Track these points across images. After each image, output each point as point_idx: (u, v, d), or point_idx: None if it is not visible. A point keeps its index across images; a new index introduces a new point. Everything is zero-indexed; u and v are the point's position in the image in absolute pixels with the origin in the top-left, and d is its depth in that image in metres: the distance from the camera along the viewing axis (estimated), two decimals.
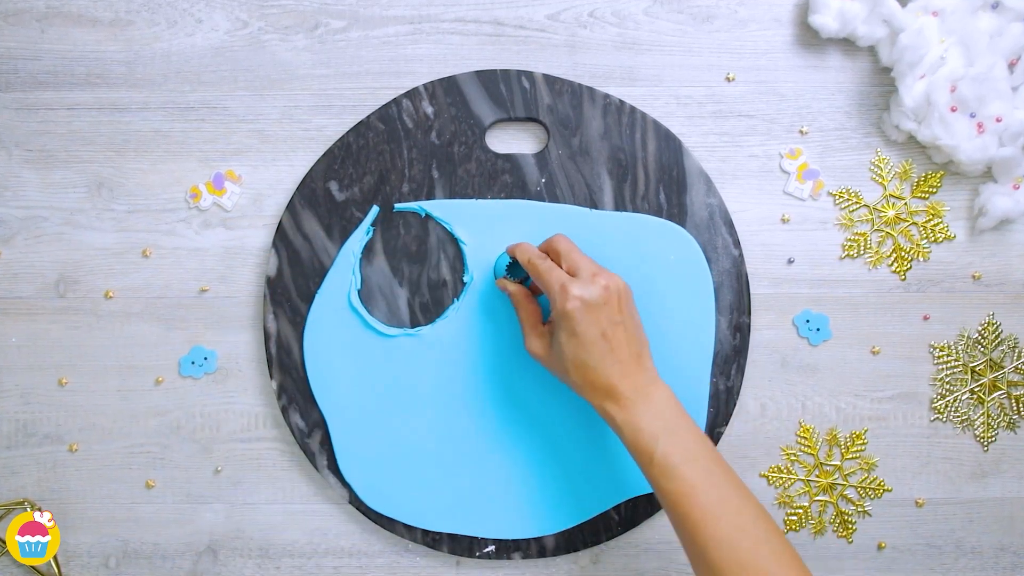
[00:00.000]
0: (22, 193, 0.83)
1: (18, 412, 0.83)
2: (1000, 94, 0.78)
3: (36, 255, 0.83)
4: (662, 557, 0.83)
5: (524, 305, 0.77)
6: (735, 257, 0.81)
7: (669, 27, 0.83)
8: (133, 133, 0.83)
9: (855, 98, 0.83)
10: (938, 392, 0.83)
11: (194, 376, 0.83)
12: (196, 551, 0.83)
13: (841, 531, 0.83)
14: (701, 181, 0.81)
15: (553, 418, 0.81)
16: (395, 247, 0.81)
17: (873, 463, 0.83)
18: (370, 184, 0.81)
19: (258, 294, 0.83)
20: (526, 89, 0.81)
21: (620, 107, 0.81)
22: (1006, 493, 0.84)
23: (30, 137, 0.83)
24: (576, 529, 0.81)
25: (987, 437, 0.83)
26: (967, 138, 0.79)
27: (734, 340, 0.81)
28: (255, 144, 0.83)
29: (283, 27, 0.83)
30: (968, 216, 0.84)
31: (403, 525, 0.81)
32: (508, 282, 0.78)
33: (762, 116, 0.83)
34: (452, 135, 0.81)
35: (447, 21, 0.83)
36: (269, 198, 0.83)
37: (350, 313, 0.81)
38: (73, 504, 0.83)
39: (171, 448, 0.83)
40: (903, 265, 0.83)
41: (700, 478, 0.67)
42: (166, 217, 0.83)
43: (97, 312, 0.83)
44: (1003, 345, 0.83)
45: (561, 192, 0.81)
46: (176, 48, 0.83)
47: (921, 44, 0.79)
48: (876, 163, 0.83)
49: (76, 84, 0.83)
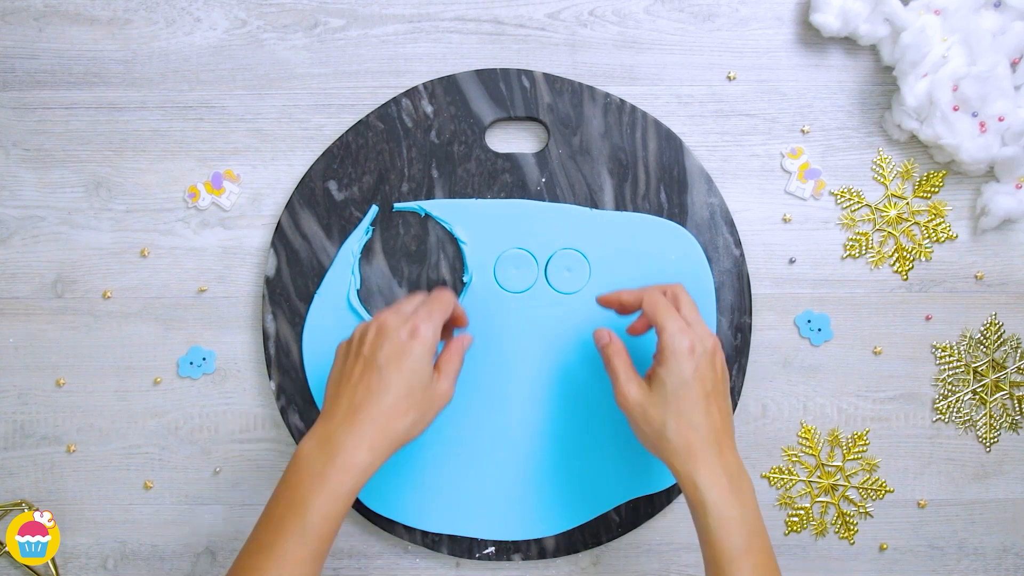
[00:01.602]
0: (19, 193, 0.83)
1: (15, 413, 0.83)
2: (1003, 93, 0.78)
3: (33, 255, 0.83)
4: (662, 558, 0.83)
5: (622, 352, 0.72)
6: (736, 257, 0.81)
7: (670, 26, 0.83)
8: (131, 132, 0.83)
9: (857, 97, 0.83)
10: (940, 393, 0.83)
11: (192, 377, 0.83)
12: (195, 552, 0.83)
13: (843, 532, 0.83)
14: (702, 180, 0.81)
15: (553, 419, 0.80)
16: (394, 247, 0.81)
17: (875, 464, 0.83)
18: (369, 184, 0.81)
19: (257, 294, 0.83)
20: (526, 88, 0.81)
21: (621, 106, 0.81)
22: (1009, 494, 0.83)
23: (27, 136, 0.83)
24: (576, 530, 0.81)
25: (989, 438, 0.83)
26: (969, 137, 0.79)
27: (735, 340, 0.81)
28: (254, 143, 0.83)
29: (282, 26, 0.83)
30: (970, 216, 0.83)
31: (402, 526, 0.81)
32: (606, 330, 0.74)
33: (763, 115, 0.83)
34: (452, 134, 0.81)
35: (447, 20, 0.83)
36: (268, 198, 0.83)
37: (349, 313, 0.80)
38: (71, 505, 0.83)
39: (169, 449, 0.83)
40: (905, 265, 0.83)
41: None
42: (164, 217, 0.83)
43: (95, 312, 0.83)
44: (1005, 345, 0.83)
45: (561, 192, 0.81)
46: (174, 47, 0.83)
47: (923, 43, 0.78)
48: (878, 162, 0.83)
49: (74, 83, 0.83)
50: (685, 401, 0.68)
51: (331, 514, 0.65)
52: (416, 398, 0.68)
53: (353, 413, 0.67)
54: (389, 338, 0.68)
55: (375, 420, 0.66)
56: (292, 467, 0.67)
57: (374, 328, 0.69)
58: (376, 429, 0.66)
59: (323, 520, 0.64)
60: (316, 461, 0.66)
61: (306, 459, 0.66)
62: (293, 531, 0.64)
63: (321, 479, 0.65)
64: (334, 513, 0.65)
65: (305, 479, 0.65)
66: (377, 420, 0.66)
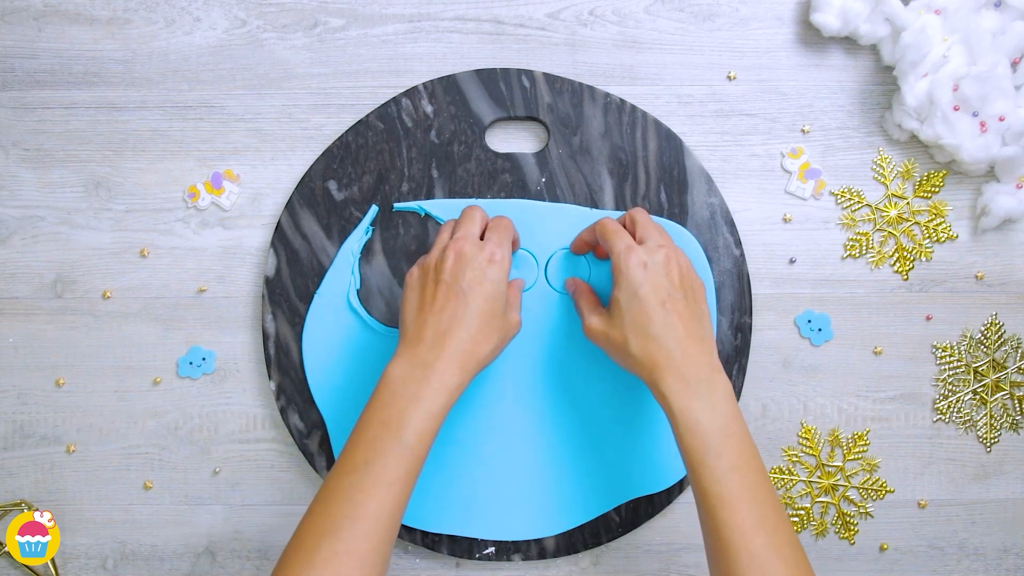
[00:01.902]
0: (19, 192, 0.83)
1: (15, 413, 0.83)
2: (1003, 93, 0.78)
3: (33, 255, 0.83)
4: (663, 559, 0.83)
5: (584, 290, 0.76)
6: (736, 257, 0.81)
7: (670, 25, 0.83)
8: (131, 132, 0.83)
9: (857, 97, 0.83)
10: (940, 393, 0.83)
11: (192, 377, 0.83)
12: (194, 553, 0.83)
13: (843, 532, 0.83)
14: (702, 180, 0.81)
15: (553, 419, 0.80)
16: (394, 247, 0.81)
17: (875, 464, 0.83)
18: (369, 183, 0.81)
19: (256, 294, 0.83)
20: (526, 88, 0.81)
21: (621, 106, 0.81)
22: (1009, 494, 0.83)
23: (27, 136, 0.83)
24: (576, 531, 0.81)
25: (990, 438, 0.83)
26: (970, 137, 0.79)
27: (735, 340, 0.81)
28: (253, 143, 0.83)
29: (281, 25, 0.83)
30: (971, 216, 0.83)
31: (402, 526, 0.81)
32: (572, 278, 0.79)
33: (764, 115, 0.83)
34: (452, 134, 0.81)
35: (446, 19, 0.83)
36: (267, 197, 0.83)
37: (349, 313, 0.80)
38: (70, 505, 0.83)
39: (169, 449, 0.83)
40: (905, 265, 0.83)
41: (746, 488, 0.65)
42: (164, 217, 0.83)
43: (94, 312, 0.83)
44: (1006, 345, 0.83)
45: (561, 191, 0.81)
46: (174, 47, 0.83)
47: (923, 43, 0.78)
48: (878, 162, 0.83)
49: (73, 83, 0.83)
50: (640, 315, 0.69)
51: (426, 431, 0.66)
52: (497, 324, 0.70)
53: (441, 337, 0.68)
54: (470, 265, 0.69)
55: (463, 342, 0.68)
56: (383, 389, 0.68)
57: (452, 254, 0.70)
58: (465, 352, 0.68)
59: (419, 438, 0.66)
60: (410, 382, 0.67)
61: (400, 380, 0.68)
62: (391, 449, 0.65)
63: (416, 399, 0.66)
64: (429, 430, 0.66)
65: (399, 399, 0.67)
66: (464, 343, 0.68)
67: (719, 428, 0.66)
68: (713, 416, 0.67)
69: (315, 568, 0.62)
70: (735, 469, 0.65)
